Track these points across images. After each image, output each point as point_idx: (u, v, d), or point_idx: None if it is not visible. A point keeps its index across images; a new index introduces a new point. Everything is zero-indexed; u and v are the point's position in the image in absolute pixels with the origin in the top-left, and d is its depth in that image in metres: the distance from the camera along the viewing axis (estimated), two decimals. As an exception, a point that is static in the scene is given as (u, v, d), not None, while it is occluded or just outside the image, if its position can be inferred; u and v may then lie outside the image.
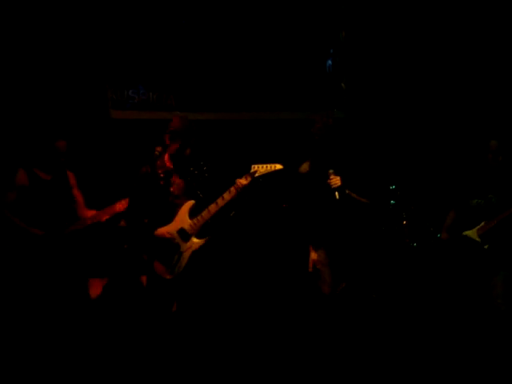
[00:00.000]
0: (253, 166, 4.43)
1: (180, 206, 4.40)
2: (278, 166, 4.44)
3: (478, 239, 5.02)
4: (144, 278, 4.91)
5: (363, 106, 7.21)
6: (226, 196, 4.33)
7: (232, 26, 6.97)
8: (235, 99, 7.02)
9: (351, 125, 7.14)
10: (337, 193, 4.47)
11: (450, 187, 5.73)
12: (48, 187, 5.08)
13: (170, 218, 4.38)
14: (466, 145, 6.34)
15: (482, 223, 4.99)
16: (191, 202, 4.40)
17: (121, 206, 4.94)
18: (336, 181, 4.49)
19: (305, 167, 4.86)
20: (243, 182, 4.35)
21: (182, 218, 4.37)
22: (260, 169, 4.41)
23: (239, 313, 5.77)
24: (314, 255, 4.75)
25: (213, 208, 4.33)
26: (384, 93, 7.19)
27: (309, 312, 5.20)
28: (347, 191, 4.54)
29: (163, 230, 4.36)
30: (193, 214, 4.38)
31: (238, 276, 6.31)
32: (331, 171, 4.53)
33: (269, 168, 4.42)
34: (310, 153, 4.87)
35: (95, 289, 5.79)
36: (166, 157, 4.49)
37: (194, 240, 4.38)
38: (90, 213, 5.26)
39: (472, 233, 5.05)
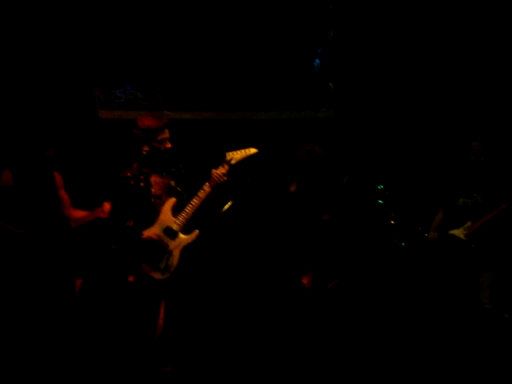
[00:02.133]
0: (227, 153, 4.44)
1: (162, 205, 4.39)
2: (253, 150, 4.46)
3: (464, 238, 5.02)
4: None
5: (352, 105, 7.22)
6: (206, 187, 4.34)
7: (220, 25, 6.96)
8: (223, 98, 7.02)
9: (339, 124, 7.18)
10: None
11: (437, 187, 5.74)
12: (33, 188, 5.05)
13: (153, 218, 4.36)
14: (452, 145, 6.34)
15: (469, 223, 5.00)
16: (172, 200, 4.39)
17: (105, 209, 4.92)
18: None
19: (293, 188, 4.94)
20: (221, 170, 4.37)
21: (166, 217, 4.35)
22: (235, 155, 4.43)
23: (232, 310, 5.78)
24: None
25: (195, 202, 4.33)
26: (372, 92, 7.20)
27: (300, 309, 5.21)
28: None
29: (149, 233, 4.33)
30: (176, 211, 4.37)
31: (229, 272, 6.32)
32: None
33: (243, 153, 4.44)
34: (296, 175, 4.95)
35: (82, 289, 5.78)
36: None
37: (182, 236, 4.37)
38: (77, 213, 5.23)
39: (458, 232, 5.06)
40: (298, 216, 4.86)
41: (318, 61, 7.25)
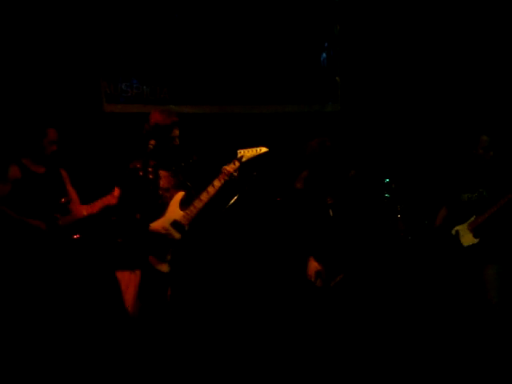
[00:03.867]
0: (239, 150, 4.48)
1: (170, 198, 4.39)
2: (264, 149, 4.50)
3: (469, 233, 5.01)
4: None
5: (358, 99, 7.21)
6: (216, 183, 4.34)
7: (226, 20, 6.96)
8: (229, 92, 7.03)
9: (346, 118, 7.17)
10: (331, 210, 4.60)
11: (443, 181, 5.72)
12: (41, 181, 5.07)
13: (161, 211, 4.36)
14: (458, 139, 6.33)
15: (473, 217, 4.98)
16: (181, 194, 4.40)
17: (114, 195, 4.93)
18: (329, 200, 4.62)
19: (300, 184, 4.89)
20: (231, 167, 4.38)
21: (174, 210, 4.35)
22: (246, 153, 4.46)
23: (235, 305, 5.78)
24: (315, 265, 4.76)
25: (204, 196, 4.34)
26: (379, 86, 7.19)
27: (304, 304, 5.21)
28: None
29: (157, 226, 4.33)
30: (184, 205, 4.37)
31: (233, 268, 6.32)
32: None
33: (255, 152, 4.47)
34: (305, 169, 4.91)
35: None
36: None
37: (189, 230, 4.38)
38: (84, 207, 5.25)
39: (463, 227, 5.04)
40: (304, 210, 4.83)
41: (324, 55, 7.24)
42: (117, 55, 6.74)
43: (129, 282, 5.12)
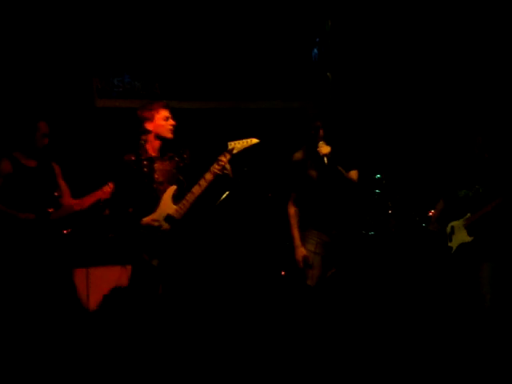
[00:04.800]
0: (229, 143, 4.46)
1: (163, 192, 4.40)
2: (254, 140, 4.48)
3: (463, 230, 5.03)
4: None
5: (349, 95, 7.23)
6: (208, 176, 4.35)
7: (217, 15, 6.98)
8: (220, 88, 7.05)
9: (337, 114, 7.18)
10: (326, 158, 4.53)
11: (435, 177, 5.75)
12: (33, 174, 5.07)
13: (154, 205, 4.37)
14: (454, 136, 6.35)
15: (468, 214, 4.99)
16: (173, 188, 4.40)
17: (106, 190, 4.95)
18: (326, 148, 4.55)
19: (298, 155, 4.87)
20: (222, 159, 4.39)
21: (166, 204, 4.36)
22: (237, 145, 4.45)
23: (226, 300, 5.80)
24: (302, 250, 4.75)
25: (196, 190, 4.34)
26: (370, 82, 7.21)
27: (294, 299, 5.23)
28: (339, 168, 4.59)
29: (149, 220, 4.35)
30: (176, 199, 4.38)
31: (224, 262, 6.34)
32: (321, 142, 4.59)
33: (245, 143, 4.46)
34: (305, 139, 4.88)
35: (80, 278, 5.82)
36: (149, 144, 4.47)
37: (182, 224, 4.39)
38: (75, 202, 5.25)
39: (458, 223, 5.05)
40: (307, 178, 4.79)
41: (316, 50, 7.27)
42: (109, 51, 6.75)
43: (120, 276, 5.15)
